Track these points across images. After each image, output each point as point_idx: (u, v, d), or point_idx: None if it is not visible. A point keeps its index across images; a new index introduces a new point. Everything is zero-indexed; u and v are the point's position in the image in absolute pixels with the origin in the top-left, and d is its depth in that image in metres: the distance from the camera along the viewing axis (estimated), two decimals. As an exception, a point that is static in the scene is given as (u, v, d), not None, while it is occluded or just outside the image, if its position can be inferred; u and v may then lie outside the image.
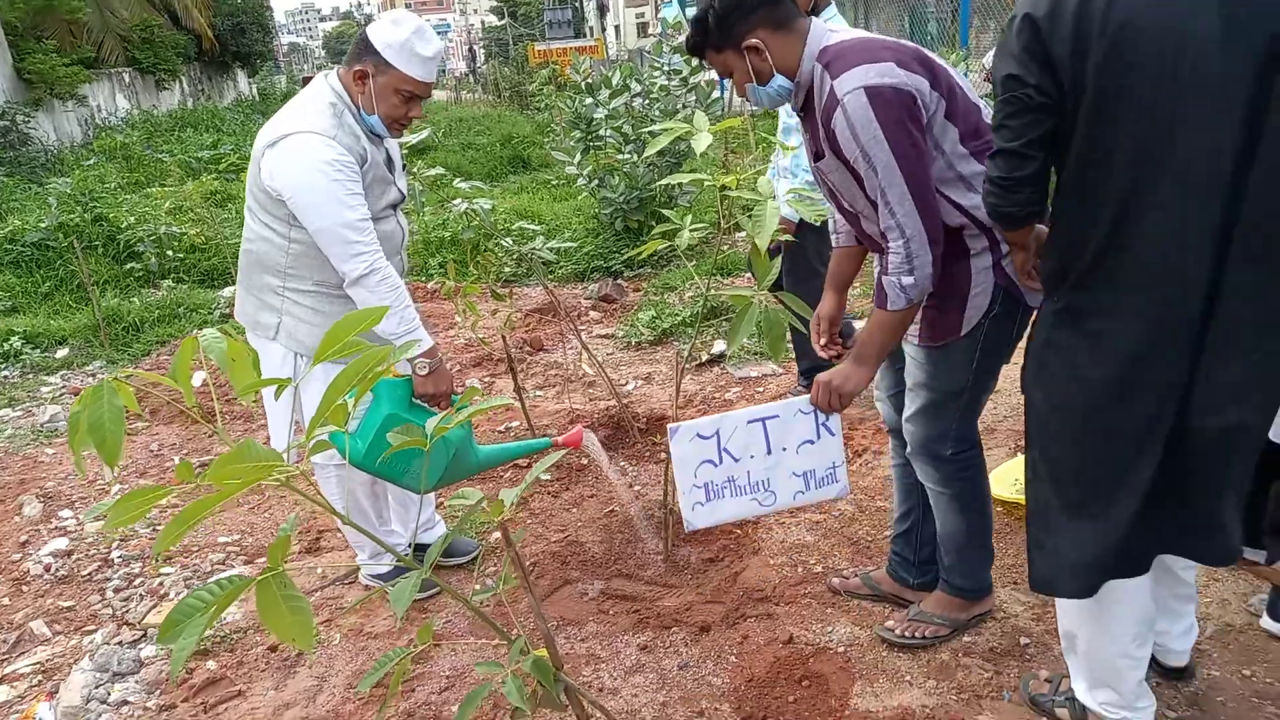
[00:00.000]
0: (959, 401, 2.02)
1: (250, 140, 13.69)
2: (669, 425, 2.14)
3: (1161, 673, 1.97)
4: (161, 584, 2.96)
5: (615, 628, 2.46)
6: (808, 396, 2.10)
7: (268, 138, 2.29)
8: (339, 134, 2.28)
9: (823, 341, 2.25)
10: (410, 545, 2.74)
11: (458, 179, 3.17)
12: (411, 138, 3.03)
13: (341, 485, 2.64)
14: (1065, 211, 1.56)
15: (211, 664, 2.52)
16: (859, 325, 3.39)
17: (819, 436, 2.14)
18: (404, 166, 2.72)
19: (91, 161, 10.19)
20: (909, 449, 2.14)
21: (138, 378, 1.25)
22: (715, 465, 2.13)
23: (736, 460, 2.13)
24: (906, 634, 2.22)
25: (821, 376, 2.06)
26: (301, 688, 2.38)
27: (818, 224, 2.55)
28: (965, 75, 6.73)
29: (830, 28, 1.93)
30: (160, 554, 3.10)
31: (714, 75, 3.58)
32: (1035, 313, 1.86)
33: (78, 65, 13.60)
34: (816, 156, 1.93)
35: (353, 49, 2.37)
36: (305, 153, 2.23)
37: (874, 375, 2.02)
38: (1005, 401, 3.55)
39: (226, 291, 6.43)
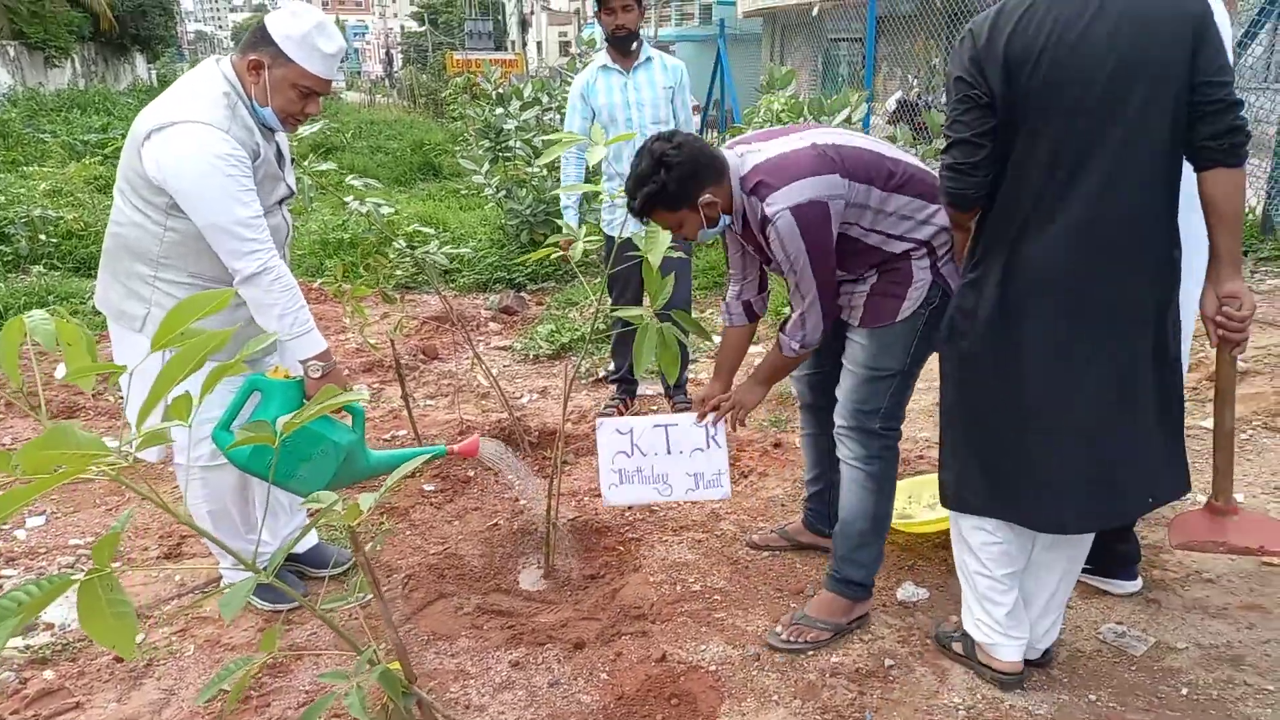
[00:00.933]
0: (892, 381, 2.25)
1: (144, 126, 13.00)
2: (597, 419, 2.70)
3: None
4: (1, 586, 2.74)
5: (488, 643, 2.40)
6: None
7: (153, 122, 2.15)
8: (232, 126, 2.17)
9: (707, 421, 2.55)
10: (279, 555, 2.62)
11: (351, 176, 3.07)
12: (305, 129, 2.93)
13: (207, 487, 2.50)
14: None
15: (49, 673, 2.34)
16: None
17: (708, 446, 2.58)
18: (293, 160, 2.62)
19: (-36, 136, 9.54)
20: (839, 425, 2.32)
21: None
22: (628, 456, 2.60)
23: (644, 455, 2.60)
24: (791, 638, 2.30)
25: (724, 396, 2.49)
26: (146, 700, 2.24)
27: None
28: (869, 115, 6.97)
29: (741, 148, 2.22)
30: None
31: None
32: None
33: (-44, 33, 12.77)
34: (765, 260, 2.30)
35: (248, 38, 2.26)
36: (197, 145, 2.10)
37: (766, 395, 2.46)
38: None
39: (104, 281, 6.09)
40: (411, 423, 3.60)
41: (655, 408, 4.04)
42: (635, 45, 3.57)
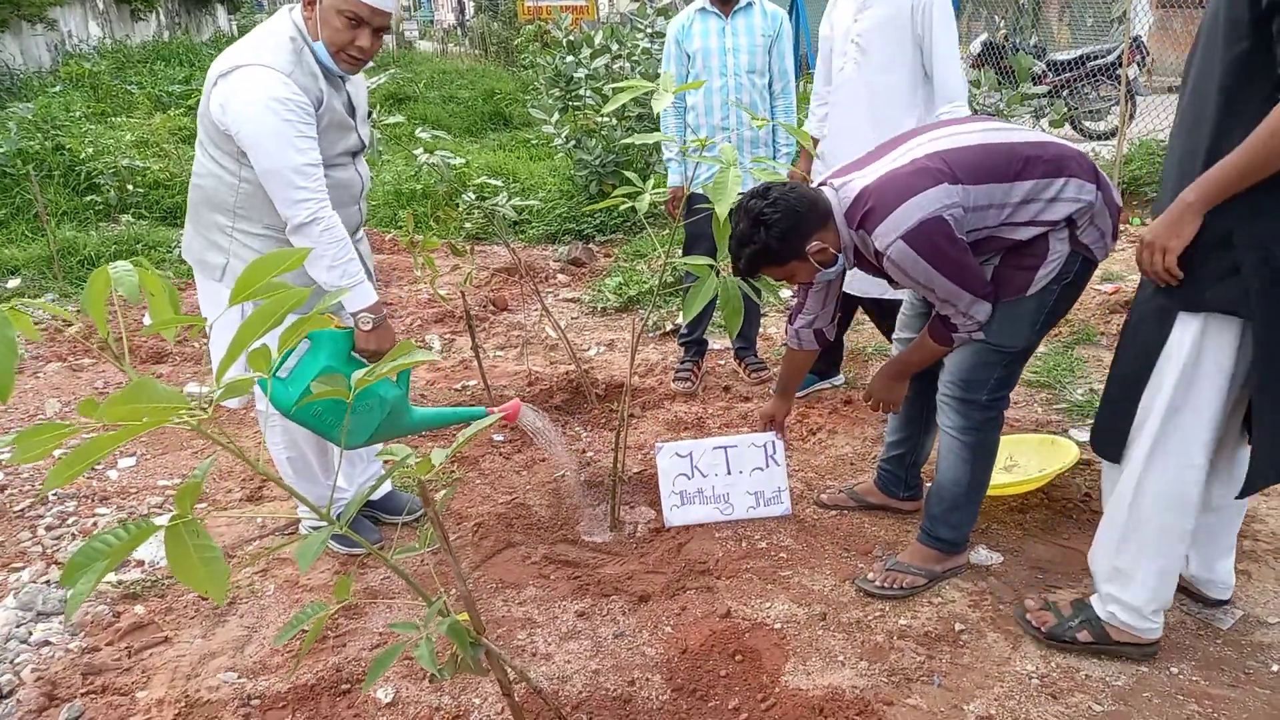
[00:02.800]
0: (1010, 356, 2.12)
1: (225, 78, 13.17)
2: (656, 444, 2.77)
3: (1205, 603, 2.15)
4: (95, 524, 2.88)
5: (554, 593, 2.43)
6: (764, 435, 2.68)
7: (221, 68, 2.17)
8: (295, 71, 2.16)
9: (770, 438, 2.64)
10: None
11: (421, 129, 3.06)
12: (371, 80, 2.92)
13: (286, 434, 2.56)
14: None
15: (140, 609, 2.46)
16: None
17: (767, 466, 2.71)
18: (369, 114, 2.61)
19: (57, 89, 9.84)
20: (942, 393, 2.22)
21: (37, 308, 1.17)
22: (688, 478, 2.71)
23: (705, 476, 2.71)
24: (885, 585, 2.29)
25: (865, 394, 2.42)
26: (230, 637, 2.33)
27: None
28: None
29: (838, 180, 2.13)
30: (47, 492, 3.00)
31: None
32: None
33: (48, -13, 13.09)
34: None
35: None
36: (257, 88, 2.11)
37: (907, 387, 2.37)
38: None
39: (189, 230, 6.27)
40: (481, 373, 3.64)
41: (723, 363, 4.00)
42: None
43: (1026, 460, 2.77)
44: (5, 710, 2.08)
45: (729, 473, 2.71)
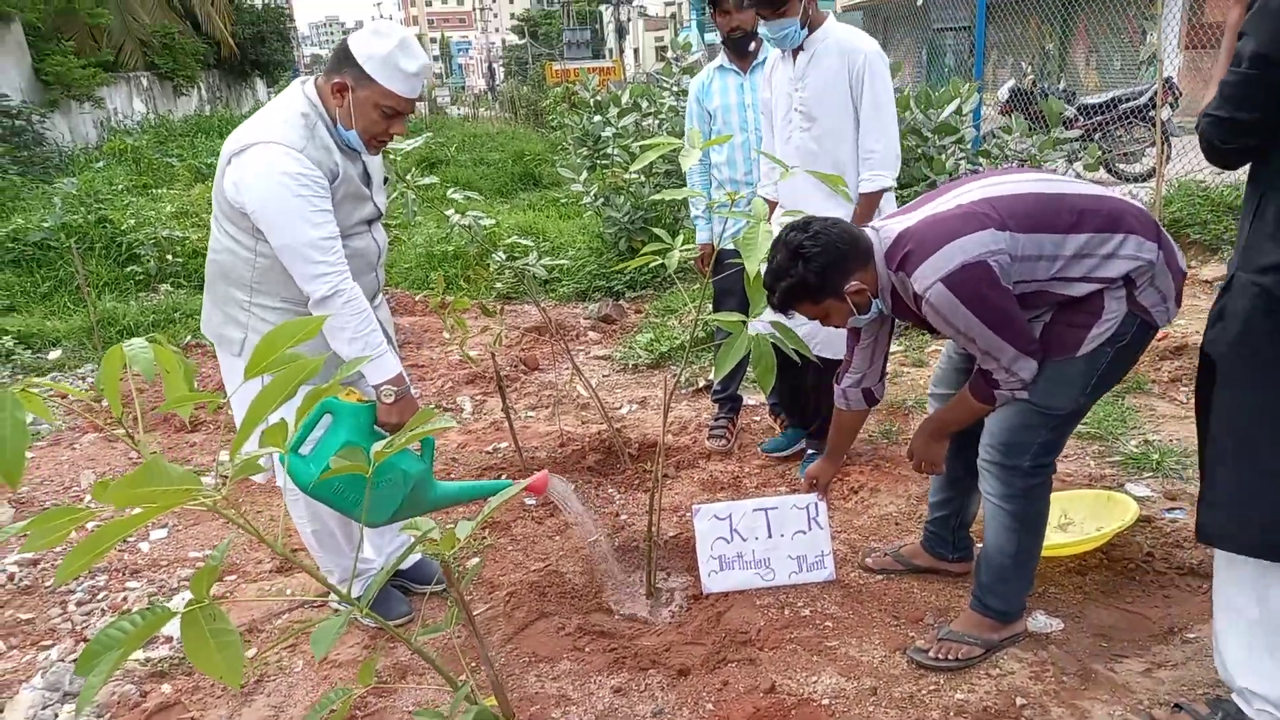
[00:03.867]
0: (1056, 419, 2.00)
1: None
2: (694, 506, 2.69)
3: None
4: (126, 599, 2.85)
5: (590, 666, 2.34)
6: (806, 496, 2.60)
7: (233, 146, 2.16)
8: (308, 146, 2.15)
9: (812, 500, 2.58)
10: (386, 569, 2.62)
11: (452, 189, 3.07)
12: (405, 144, 2.94)
13: (310, 508, 2.52)
14: None
15: (167, 687, 2.40)
16: None
17: (810, 529, 2.61)
18: (385, 180, 2.60)
19: (101, 163, 10.18)
20: (982, 457, 2.10)
21: (46, 387, 1.14)
22: (727, 542, 2.62)
23: (744, 540, 2.62)
24: (939, 656, 2.17)
25: (908, 452, 2.31)
26: (257, 717, 2.27)
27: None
28: (980, 106, 6.66)
29: (881, 223, 2.08)
30: (59, 585, 2.94)
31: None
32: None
33: (95, 68, 13.65)
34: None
35: (332, 59, 2.23)
36: (269, 165, 2.10)
37: (946, 449, 2.24)
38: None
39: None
40: (513, 434, 3.59)
41: (758, 419, 3.92)
42: (753, 46, 3.36)
43: (1082, 518, 2.65)
44: (27, 799, 2.03)
45: (770, 536, 2.61)
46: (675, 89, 6.41)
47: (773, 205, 3.15)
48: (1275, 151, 1.60)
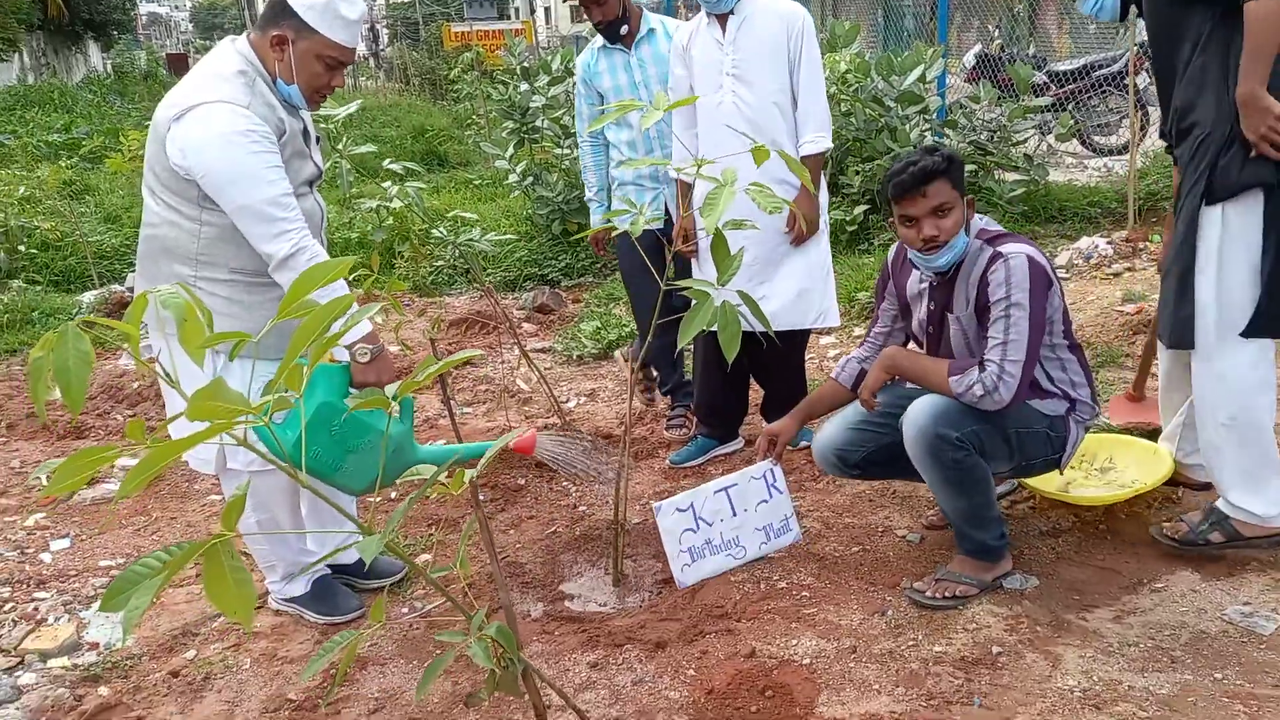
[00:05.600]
0: (991, 424, 2.56)
1: (108, 124, 13.45)
2: (654, 504, 3.00)
3: None
4: (37, 609, 3.08)
5: (562, 647, 2.69)
6: (760, 465, 3.00)
7: (172, 111, 2.43)
8: (253, 102, 2.45)
9: (766, 463, 3.01)
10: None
11: (389, 160, 3.40)
12: (340, 110, 3.26)
13: (255, 495, 2.79)
14: None
15: (104, 690, 2.66)
16: None
17: (770, 496, 3.01)
18: (318, 139, 2.91)
19: (-87, 141, 10.09)
20: (911, 435, 2.57)
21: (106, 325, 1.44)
22: (694, 531, 2.96)
23: (710, 524, 2.96)
24: (936, 595, 2.65)
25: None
26: (210, 712, 2.54)
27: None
28: (944, 73, 7.23)
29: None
30: (117, 504, 3.21)
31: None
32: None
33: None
34: (945, 310, 2.66)
35: (267, 12, 2.55)
36: (218, 124, 2.37)
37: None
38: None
39: (87, 296, 6.49)
40: (455, 431, 3.90)
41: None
42: (625, 29, 3.77)
43: (1125, 465, 3.12)
44: (-25, 797, 2.28)
45: (734, 514, 2.98)
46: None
47: (685, 187, 3.59)
48: None
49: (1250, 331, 2.54)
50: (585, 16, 3.78)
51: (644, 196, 3.84)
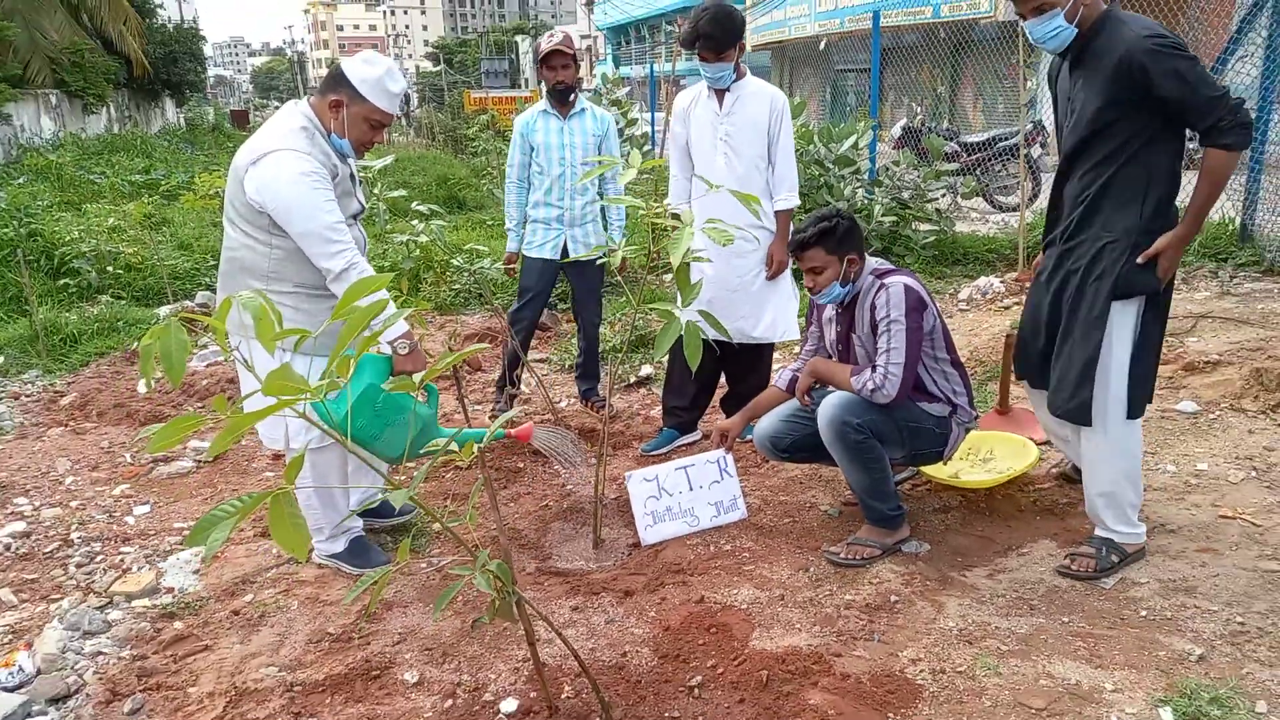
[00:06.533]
0: (883, 416, 2.74)
1: (181, 168, 13.50)
2: (626, 474, 3.22)
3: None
4: (123, 560, 3.18)
5: (550, 594, 2.82)
6: (715, 452, 3.19)
7: (249, 157, 2.64)
8: (313, 151, 2.66)
9: (720, 452, 3.15)
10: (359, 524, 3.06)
11: (416, 203, 3.54)
12: (376, 162, 3.41)
13: (314, 469, 2.92)
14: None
15: (179, 624, 2.77)
16: None
17: (722, 479, 3.19)
18: (360, 182, 3.09)
19: (21, 180, 10.14)
20: (822, 422, 2.75)
21: (198, 320, 1.58)
22: (657, 499, 3.15)
23: (671, 495, 3.16)
24: (848, 556, 2.82)
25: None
26: (265, 642, 2.65)
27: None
28: (875, 141, 7.43)
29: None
30: (214, 454, 3.34)
31: (647, 129, 4.08)
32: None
33: (3, 83, 13.47)
34: (850, 331, 2.87)
35: (328, 80, 2.76)
36: (286, 167, 2.58)
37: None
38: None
39: (163, 310, 6.58)
40: (468, 421, 4.03)
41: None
42: (572, 98, 4.13)
43: (1001, 455, 3.27)
44: (77, 704, 2.38)
45: (691, 489, 3.16)
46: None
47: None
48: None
49: (1135, 413, 2.59)
50: (549, 74, 4.06)
51: (549, 234, 4.17)
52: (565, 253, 4.18)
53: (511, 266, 4.33)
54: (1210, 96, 2.30)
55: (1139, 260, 2.48)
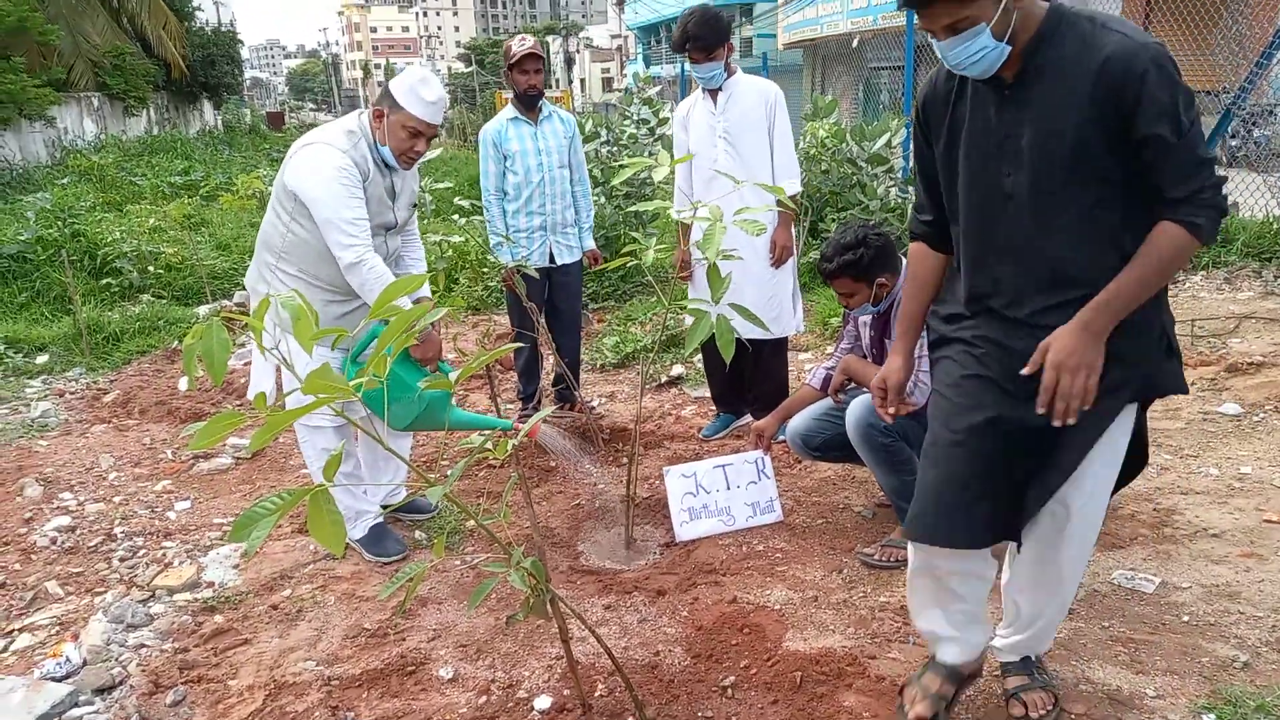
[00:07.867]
0: (915, 432, 2.63)
1: (219, 169, 13.77)
2: (664, 468, 3.23)
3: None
4: (165, 554, 3.24)
5: (583, 592, 2.83)
6: (753, 453, 3.17)
7: (298, 146, 2.83)
8: (351, 151, 2.79)
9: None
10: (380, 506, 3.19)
11: (458, 198, 3.58)
12: (428, 154, 3.46)
13: (311, 447, 3.07)
14: None
15: (219, 618, 2.81)
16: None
17: (759, 479, 3.18)
18: (414, 204, 3.13)
19: (65, 181, 10.37)
20: (850, 424, 2.74)
21: (238, 319, 1.61)
22: (694, 495, 3.16)
23: (708, 493, 3.15)
24: (882, 558, 2.80)
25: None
26: (303, 637, 2.69)
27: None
28: (908, 139, 7.36)
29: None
30: (254, 450, 3.42)
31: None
32: None
33: (48, 87, 13.77)
34: (884, 336, 2.84)
35: (380, 94, 2.90)
36: (319, 158, 2.75)
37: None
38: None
39: (203, 309, 6.70)
40: (498, 414, 4.07)
41: (712, 408, 4.46)
42: (540, 102, 4.12)
43: None
44: (121, 694, 2.44)
45: (728, 487, 3.16)
46: (636, 118, 7.04)
47: (684, 227, 3.83)
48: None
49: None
50: (522, 79, 4.02)
51: (532, 243, 4.13)
52: (551, 259, 4.16)
53: (511, 282, 4.24)
54: (1203, 158, 1.67)
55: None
